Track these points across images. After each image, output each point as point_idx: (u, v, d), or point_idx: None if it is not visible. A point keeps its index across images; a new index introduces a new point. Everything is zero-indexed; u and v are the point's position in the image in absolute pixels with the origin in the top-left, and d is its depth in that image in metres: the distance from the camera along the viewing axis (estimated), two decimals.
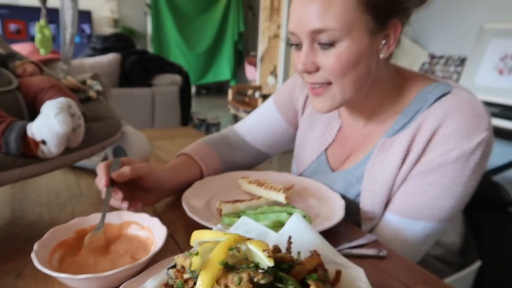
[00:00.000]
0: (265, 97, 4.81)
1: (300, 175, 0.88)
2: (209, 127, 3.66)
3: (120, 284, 0.44)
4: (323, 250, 0.46)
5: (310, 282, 0.39)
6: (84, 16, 6.18)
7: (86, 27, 6.32)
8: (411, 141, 0.67)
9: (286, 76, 3.56)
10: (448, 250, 0.81)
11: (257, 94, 5.26)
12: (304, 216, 0.61)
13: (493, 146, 0.66)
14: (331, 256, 0.47)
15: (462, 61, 2.55)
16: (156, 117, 2.85)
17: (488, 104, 2.23)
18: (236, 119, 5.56)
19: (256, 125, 0.92)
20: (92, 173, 0.88)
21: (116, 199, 0.62)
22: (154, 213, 0.70)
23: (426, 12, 2.49)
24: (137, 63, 2.69)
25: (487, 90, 2.31)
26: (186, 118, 3.10)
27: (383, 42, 0.65)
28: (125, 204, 0.63)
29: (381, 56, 0.66)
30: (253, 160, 0.93)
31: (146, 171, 0.65)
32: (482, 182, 0.87)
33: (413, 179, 0.67)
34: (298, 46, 0.66)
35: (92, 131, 0.70)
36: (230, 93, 5.59)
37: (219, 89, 7.76)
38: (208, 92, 7.74)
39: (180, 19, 6.75)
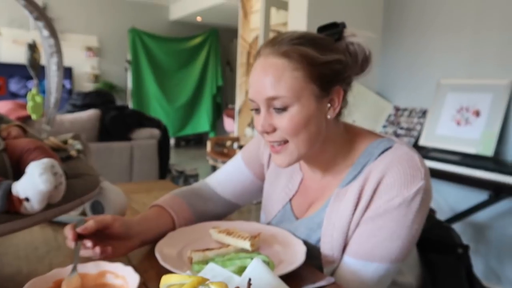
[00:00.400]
0: (242, 147, 4.92)
1: (269, 223, 0.95)
2: (187, 178, 3.70)
3: None
4: None
5: None
6: (65, 72, 6.31)
7: (67, 83, 6.44)
8: (361, 190, 0.76)
9: None
10: None
11: (235, 145, 5.38)
12: (268, 262, 0.67)
13: (431, 193, 0.75)
14: None
15: (424, 113, 2.74)
16: (135, 170, 2.89)
17: (448, 152, 2.39)
18: (214, 169, 5.61)
19: (226, 178, 0.99)
20: None
21: (87, 248, 0.67)
22: (129, 263, 0.75)
23: (390, 69, 2.75)
24: (116, 118, 2.77)
25: (447, 140, 2.47)
26: (164, 171, 3.14)
27: (328, 105, 0.76)
28: (97, 249, 0.67)
29: (328, 117, 0.77)
30: (224, 210, 1.00)
31: (109, 219, 0.71)
32: (435, 227, 0.96)
33: (364, 224, 0.76)
34: (257, 110, 0.77)
35: (72, 187, 0.75)
36: (208, 144, 5.69)
37: (198, 140, 7.88)
38: (187, 143, 7.83)
39: (160, 75, 6.99)
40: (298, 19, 2.76)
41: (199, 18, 7.00)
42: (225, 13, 6.31)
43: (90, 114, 2.69)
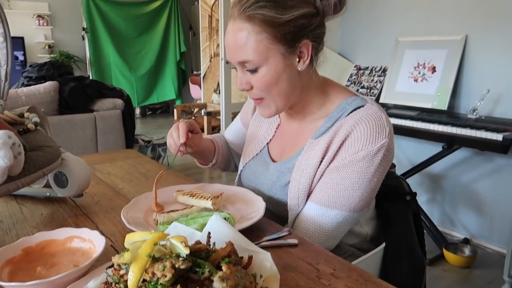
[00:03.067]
0: (210, 114, 4.91)
1: (246, 163, 1.02)
2: (155, 147, 3.68)
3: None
4: (237, 241, 0.57)
5: (222, 264, 0.49)
6: (16, 43, 5.96)
7: (19, 54, 6.10)
8: (329, 142, 0.82)
9: (227, 93, 3.70)
10: (362, 239, 0.95)
11: (202, 111, 5.35)
12: (227, 218, 0.71)
13: (393, 151, 0.83)
14: (245, 245, 0.58)
15: (384, 71, 2.82)
16: (100, 142, 2.85)
17: (407, 108, 2.50)
18: None
19: (229, 132, 1.18)
20: (34, 199, 0.93)
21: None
22: (96, 229, 0.77)
23: (350, 29, 2.78)
24: (76, 90, 2.68)
25: (406, 96, 2.57)
26: (130, 141, 3.11)
27: (297, 59, 0.80)
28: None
29: (299, 69, 0.81)
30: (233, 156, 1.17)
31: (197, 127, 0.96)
32: (389, 178, 1.04)
33: (329, 173, 0.82)
34: (236, 69, 0.83)
35: (33, 160, 0.76)
36: (175, 112, 5.63)
37: (165, 109, 7.75)
38: (154, 112, 7.70)
39: (120, 42, 6.71)
40: None
41: None
42: None
43: (47, 86, 2.59)
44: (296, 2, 0.78)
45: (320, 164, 0.83)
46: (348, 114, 0.82)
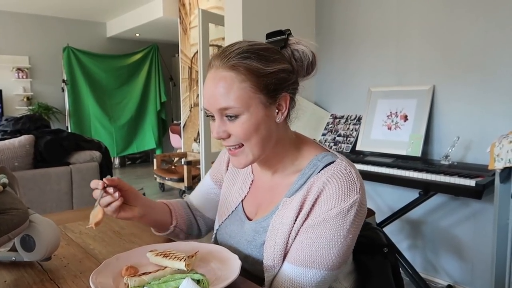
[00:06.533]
0: (190, 163, 4.89)
1: (222, 223, 1.00)
2: None
3: None
4: None
5: None
6: None
7: None
8: (303, 200, 0.82)
9: (207, 142, 3.71)
10: None
11: (182, 161, 5.32)
12: (201, 280, 0.69)
13: (365, 206, 0.83)
14: None
15: (359, 120, 2.90)
16: (75, 195, 2.77)
17: (382, 155, 2.55)
18: (163, 187, 5.52)
19: (198, 193, 1.14)
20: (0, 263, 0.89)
21: (109, 193, 0.85)
22: None
23: (325, 80, 2.89)
24: (52, 143, 2.65)
25: (381, 144, 2.64)
26: None
27: (276, 111, 0.83)
28: (116, 194, 0.85)
29: (277, 121, 0.83)
30: (202, 222, 1.12)
31: (127, 184, 0.90)
32: (366, 229, 1.03)
33: (304, 232, 0.81)
34: (213, 117, 0.83)
35: None
36: (155, 162, 5.59)
37: (144, 158, 7.69)
38: (133, 162, 7.62)
39: (100, 94, 6.76)
40: (234, 34, 2.82)
41: (137, 34, 6.89)
42: (164, 28, 6.27)
43: (22, 140, 2.54)
44: (277, 57, 0.83)
45: (294, 223, 0.83)
46: (319, 171, 0.83)
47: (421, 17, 2.55)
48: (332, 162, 0.84)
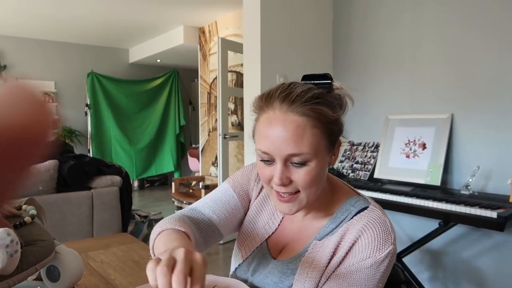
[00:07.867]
0: (208, 187, 4.92)
1: (246, 258, 0.95)
2: (151, 223, 3.64)
3: None
4: None
5: None
6: None
7: None
8: (336, 246, 0.82)
9: (225, 166, 3.76)
10: None
11: (200, 184, 5.37)
12: None
13: (396, 255, 0.83)
14: None
15: (376, 147, 2.90)
16: (95, 219, 2.83)
17: (401, 183, 2.53)
18: None
19: (212, 200, 0.96)
20: None
21: None
22: None
23: None
24: (75, 168, 2.73)
25: (399, 172, 2.62)
26: (127, 217, 3.09)
27: (332, 156, 0.83)
28: None
29: (331, 166, 0.84)
30: (210, 234, 0.93)
31: None
32: None
33: (336, 278, 0.81)
34: (268, 162, 0.80)
35: (26, 255, 0.77)
36: (173, 185, 5.64)
37: (163, 181, 7.77)
38: (152, 185, 7.71)
39: (121, 117, 6.94)
40: (253, 62, 2.90)
41: (158, 60, 7.10)
42: (184, 54, 6.45)
43: (47, 165, 2.63)
44: (338, 103, 0.84)
45: (326, 269, 0.82)
46: (352, 217, 0.83)
47: (436, 46, 2.57)
48: (366, 208, 0.84)
